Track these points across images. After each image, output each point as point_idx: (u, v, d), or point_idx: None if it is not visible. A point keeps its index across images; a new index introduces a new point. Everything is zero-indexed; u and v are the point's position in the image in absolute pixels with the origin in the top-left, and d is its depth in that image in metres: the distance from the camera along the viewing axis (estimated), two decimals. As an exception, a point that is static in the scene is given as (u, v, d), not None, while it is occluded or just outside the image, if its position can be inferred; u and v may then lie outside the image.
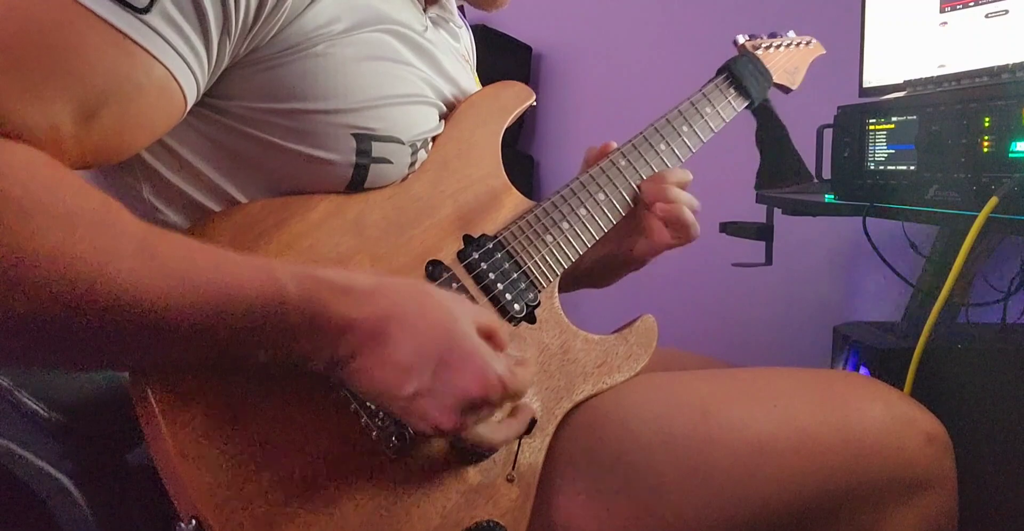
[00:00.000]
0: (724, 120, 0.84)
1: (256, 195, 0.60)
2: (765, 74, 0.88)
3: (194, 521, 0.48)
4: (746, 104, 0.86)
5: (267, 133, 0.58)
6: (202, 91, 0.55)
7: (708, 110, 0.82)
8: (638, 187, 0.77)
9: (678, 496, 0.64)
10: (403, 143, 0.63)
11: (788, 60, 0.93)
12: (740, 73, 0.85)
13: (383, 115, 0.62)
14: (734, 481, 0.65)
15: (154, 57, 0.50)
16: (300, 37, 0.57)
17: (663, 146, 0.79)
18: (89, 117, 0.48)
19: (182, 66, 0.51)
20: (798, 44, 0.95)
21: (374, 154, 0.61)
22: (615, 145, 0.80)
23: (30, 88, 0.46)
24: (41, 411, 0.56)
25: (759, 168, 0.93)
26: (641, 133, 0.79)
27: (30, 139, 0.46)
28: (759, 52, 0.90)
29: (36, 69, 0.46)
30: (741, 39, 0.90)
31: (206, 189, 0.59)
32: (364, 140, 0.60)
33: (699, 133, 0.81)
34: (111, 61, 0.48)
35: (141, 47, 0.49)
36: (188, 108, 0.55)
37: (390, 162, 0.63)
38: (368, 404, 0.55)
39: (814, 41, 0.99)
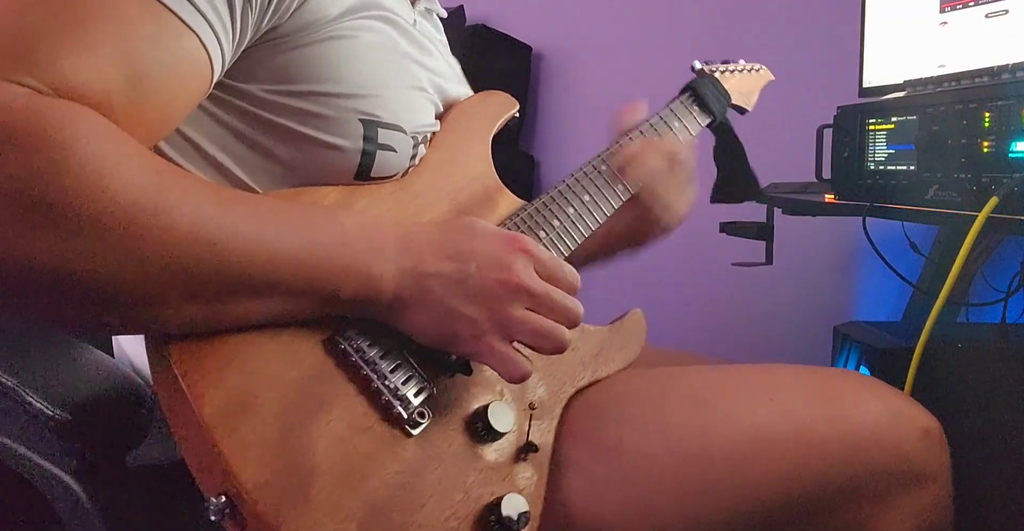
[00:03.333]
0: (690, 133, 0.89)
1: (271, 186, 0.62)
2: (724, 94, 0.94)
3: (224, 497, 0.49)
4: (709, 121, 0.92)
5: (282, 118, 0.60)
6: (227, 65, 0.56)
7: (676, 124, 0.88)
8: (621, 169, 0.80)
9: (676, 483, 0.65)
10: (405, 133, 0.65)
11: (743, 84, 1.01)
12: (702, 92, 0.91)
13: (388, 103, 0.64)
14: (731, 470, 0.65)
15: (187, 25, 0.50)
16: (317, 14, 0.59)
17: None
18: (136, 84, 0.48)
19: (211, 36, 0.52)
20: (750, 70, 1.03)
21: (380, 141, 0.63)
22: (644, 106, 0.84)
23: (84, 49, 0.46)
24: (45, 409, 0.56)
25: (715, 182, 0.99)
26: (618, 142, 0.83)
27: (87, 103, 0.46)
28: (716, 75, 0.96)
29: (87, 32, 0.46)
30: (698, 64, 0.97)
31: (224, 181, 0.61)
32: (370, 126, 0.62)
33: None
34: (149, 28, 0.49)
35: (175, 14, 0.50)
36: (214, 81, 0.56)
37: (394, 150, 0.64)
38: (387, 382, 0.56)
39: (764, 68, 1.07)
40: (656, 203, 0.81)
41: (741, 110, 1.01)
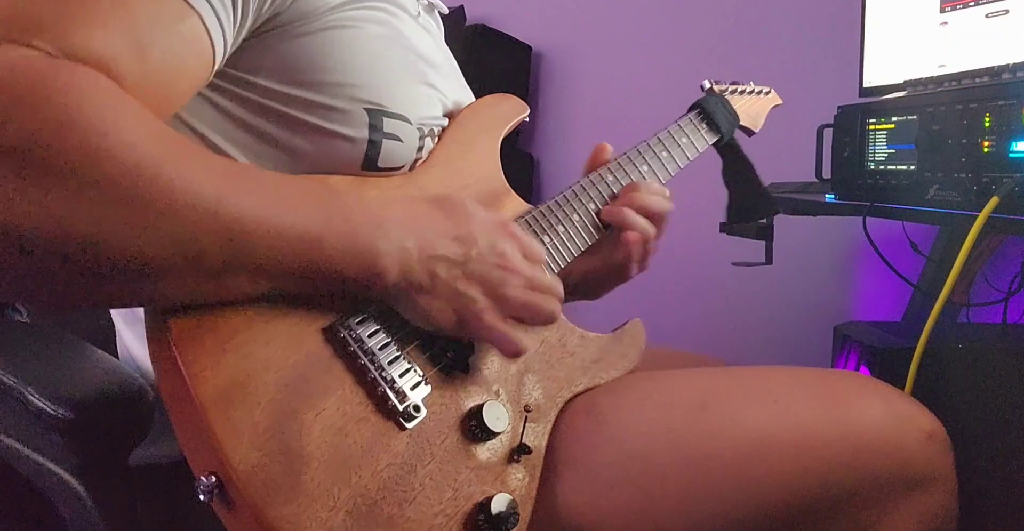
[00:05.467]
0: (697, 150, 0.89)
1: None
2: (733, 114, 0.95)
3: (213, 476, 0.49)
4: (716, 139, 0.92)
5: (288, 107, 0.60)
6: (228, 50, 0.56)
7: (684, 140, 0.88)
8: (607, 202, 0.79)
9: (679, 486, 0.64)
10: (411, 123, 0.66)
11: (751, 106, 1.01)
12: (711, 110, 0.91)
13: (393, 93, 0.64)
14: (734, 473, 0.65)
15: (190, 5, 0.51)
16: (318, 2, 0.59)
17: (645, 167, 0.83)
18: (141, 57, 0.49)
19: (213, 19, 0.52)
20: (759, 92, 1.03)
21: (385, 130, 0.63)
22: (609, 148, 0.83)
23: (91, 20, 0.46)
24: (47, 408, 0.56)
25: (728, 206, 0.98)
26: (626, 153, 0.83)
27: (96, 69, 0.46)
28: (725, 95, 0.96)
29: (94, 3, 0.47)
30: (708, 83, 0.97)
31: None
32: (376, 115, 0.63)
33: (676, 159, 0.87)
34: (152, 6, 0.49)
35: None
36: (216, 66, 0.56)
37: (400, 140, 0.65)
38: (383, 374, 0.56)
39: (772, 91, 1.07)
40: (627, 265, 0.80)
41: (749, 132, 1.01)
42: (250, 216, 0.48)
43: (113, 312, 0.75)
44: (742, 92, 1.00)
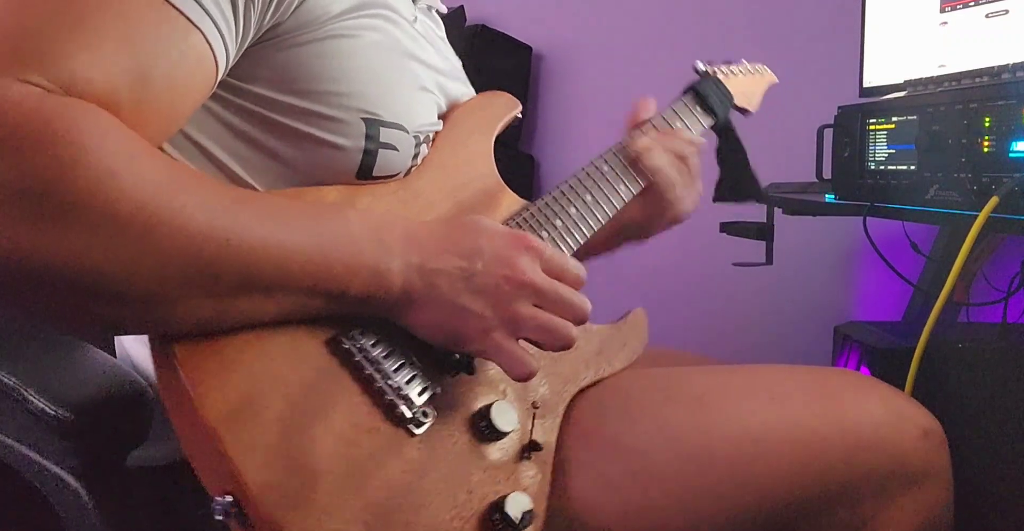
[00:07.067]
0: (693, 134, 0.89)
1: (272, 185, 0.62)
2: (727, 95, 0.94)
3: (229, 497, 0.49)
4: (711, 122, 0.92)
5: (284, 116, 0.60)
6: (231, 63, 0.56)
7: (678, 124, 0.88)
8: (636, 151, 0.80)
9: (677, 483, 0.65)
10: (407, 132, 0.65)
11: (745, 85, 1.00)
12: (705, 93, 0.91)
13: (389, 102, 0.64)
14: (732, 469, 0.65)
15: (192, 22, 0.50)
16: (318, 12, 0.59)
17: None
18: (143, 82, 0.49)
19: (216, 34, 0.52)
20: (752, 71, 1.03)
21: (381, 139, 0.63)
22: (652, 104, 0.85)
23: (90, 47, 0.46)
24: (47, 409, 0.56)
25: (718, 182, 0.98)
26: (621, 141, 0.83)
27: (95, 101, 0.46)
28: (719, 76, 0.96)
29: (92, 29, 0.46)
30: (701, 65, 0.97)
31: (226, 179, 0.61)
32: (372, 125, 0.62)
33: None
34: (155, 25, 0.49)
35: (181, 12, 0.50)
36: (219, 79, 0.56)
37: (396, 149, 0.64)
38: (390, 382, 0.56)
39: (767, 69, 1.06)
40: (669, 192, 0.81)
41: (744, 111, 1.00)
42: (260, 241, 0.49)
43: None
44: (736, 72, 0.99)
